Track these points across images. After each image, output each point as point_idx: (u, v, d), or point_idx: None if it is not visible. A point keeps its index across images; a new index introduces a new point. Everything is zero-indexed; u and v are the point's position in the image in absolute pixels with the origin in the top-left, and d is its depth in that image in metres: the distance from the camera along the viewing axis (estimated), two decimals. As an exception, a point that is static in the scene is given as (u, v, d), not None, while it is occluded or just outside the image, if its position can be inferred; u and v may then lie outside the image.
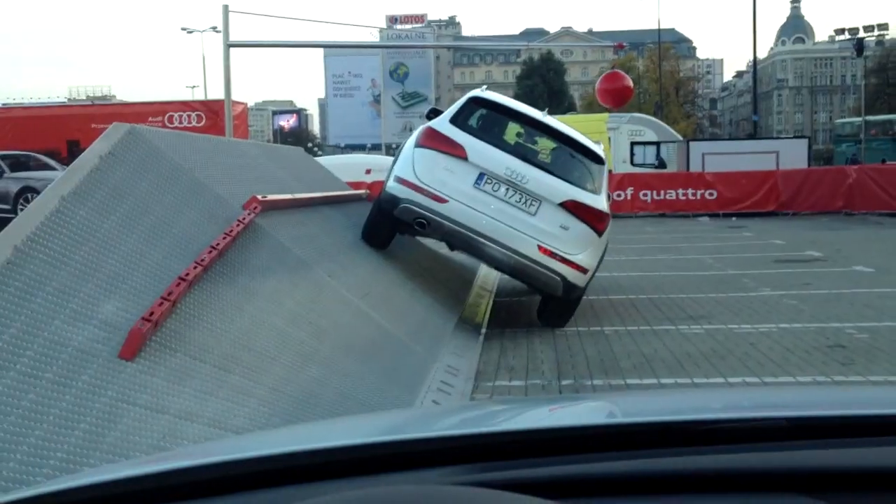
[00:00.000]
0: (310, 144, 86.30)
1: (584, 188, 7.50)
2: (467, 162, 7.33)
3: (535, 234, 7.27)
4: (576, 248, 7.36)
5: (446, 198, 7.27)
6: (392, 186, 7.50)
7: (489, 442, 1.18)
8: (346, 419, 2.83)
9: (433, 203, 7.29)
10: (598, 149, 7.92)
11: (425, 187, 7.31)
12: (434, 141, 7.46)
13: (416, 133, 7.91)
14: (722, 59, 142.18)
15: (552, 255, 7.29)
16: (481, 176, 7.32)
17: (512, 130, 7.92)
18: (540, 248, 7.28)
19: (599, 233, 7.51)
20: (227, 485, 1.13)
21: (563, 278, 7.36)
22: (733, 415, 1.30)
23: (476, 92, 8.10)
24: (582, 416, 1.57)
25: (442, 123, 7.61)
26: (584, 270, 7.44)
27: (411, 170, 7.40)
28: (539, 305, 8.17)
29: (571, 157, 7.74)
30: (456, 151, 7.36)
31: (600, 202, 7.53)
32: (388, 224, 7.78)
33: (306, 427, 2.53)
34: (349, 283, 6.28)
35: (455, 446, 1.17)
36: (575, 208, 7.35)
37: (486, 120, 7.85)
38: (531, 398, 4.49)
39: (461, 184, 7.31)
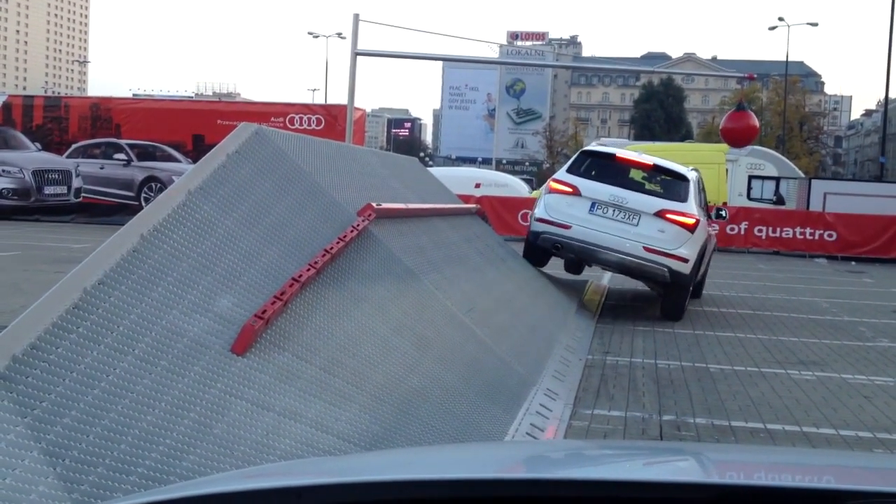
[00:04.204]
0: (422, 154, 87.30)
1: (672, 200, 9.73)
2: (581, 196, 9.81)
3: (639, 239, 9.51)
4: (674, 244, 9.49)
5: (570, 224, 9.75)
6: (534, 224, 10.25)
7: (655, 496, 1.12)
8: (469, 446, 2.78)
9: (561, 230, 9.81)
10: (682, 169, 10.16)
11: (554, 220, 9.88)
12: (556, 186, 10.12)
13: (546, 183, 10.80)
14: (850, 97, 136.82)
15: (655, 251, 9.46)
16: (593, 204, 9.73)
17: (614, 168, 10.21)
18: (644, 247, 9.48)
19: (691, 230, 9.60)
20: None
21: (668, 268, 9.49)
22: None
23: (586, 147, 11.11)
24: (717, 470, 1.48)
25: (561, 173, 10.45)
26: (684, 260, 9.52)
27: (544, 210, 10.08)
28: (661, 303, 10.23)
29: (661, 179, 10.16)
30: (572, 191, 9.89)
31: (687, 208, 9.69)
32: (537, 251, 10.41)
33: (432, 451, 2.49)
34: (454, 297, 6.29)
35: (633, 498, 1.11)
36: (667, 215, 9.56)
37: (594, 165, 10.27)
38: (649, 443, 4.35)
39: (579, 213, 9.74)
